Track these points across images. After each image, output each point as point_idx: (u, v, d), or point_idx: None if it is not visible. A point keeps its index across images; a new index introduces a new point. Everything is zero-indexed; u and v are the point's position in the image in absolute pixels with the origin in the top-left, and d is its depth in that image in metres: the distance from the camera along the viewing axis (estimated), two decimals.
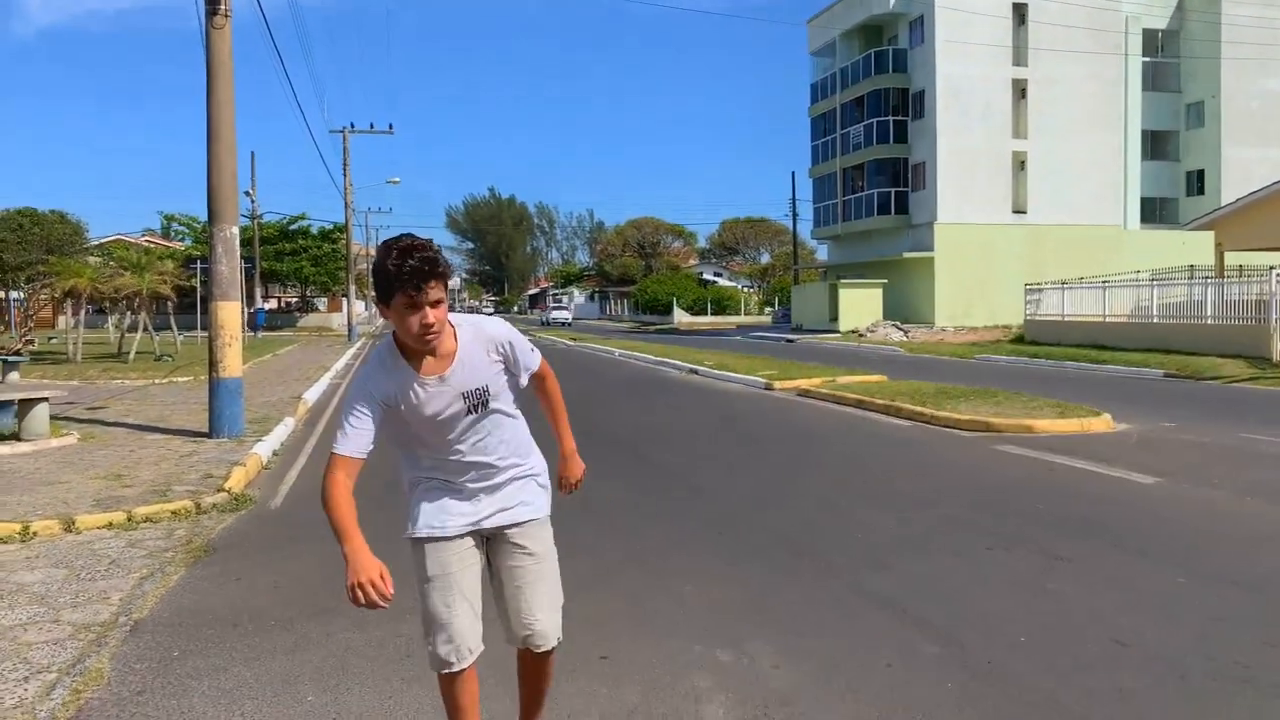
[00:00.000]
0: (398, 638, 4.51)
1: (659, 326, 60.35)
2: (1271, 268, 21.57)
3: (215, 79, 10.34)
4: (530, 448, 2.96)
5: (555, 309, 74.99)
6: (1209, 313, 23.44)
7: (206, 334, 11.07)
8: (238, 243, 10.60)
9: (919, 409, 12.04)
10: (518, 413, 2.93)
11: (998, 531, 6.23)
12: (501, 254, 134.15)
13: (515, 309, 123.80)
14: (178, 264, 28.42)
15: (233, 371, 10.40)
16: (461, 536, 2.84)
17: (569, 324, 65.79)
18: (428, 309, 2.54)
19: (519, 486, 2.90)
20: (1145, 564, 5.45)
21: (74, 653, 4.39)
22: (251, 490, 8.15)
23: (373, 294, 2.70)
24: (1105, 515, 6.65)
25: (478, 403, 2.75)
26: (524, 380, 2.90)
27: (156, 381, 18.12)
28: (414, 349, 2.65)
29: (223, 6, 10.31)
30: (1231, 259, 27.80)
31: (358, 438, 2.65)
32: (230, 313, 10.45)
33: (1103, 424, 10.99)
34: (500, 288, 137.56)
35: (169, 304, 26.33)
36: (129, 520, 6.87)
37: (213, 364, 10.38)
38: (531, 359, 2.90)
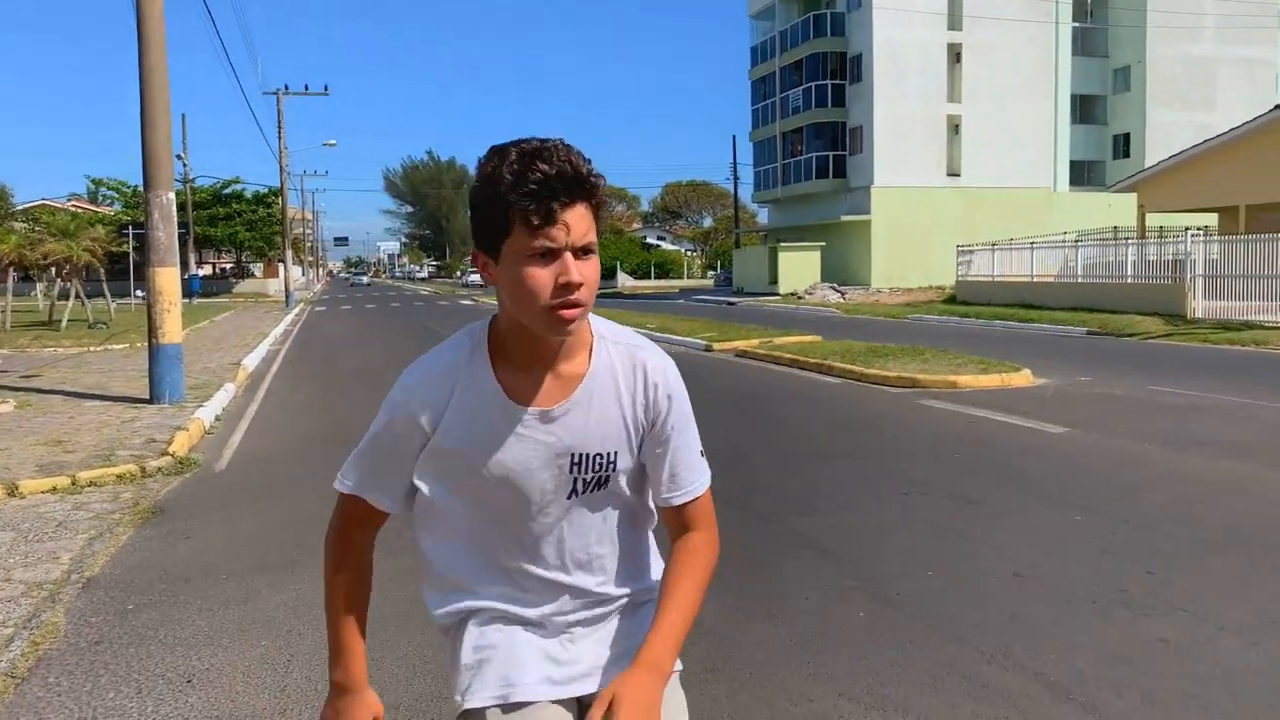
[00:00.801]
0: None
1: (603, 290, 60.17)
2: (1186, 228, 22.46)
3: (147, 43, 10.21)
4: (651, 559, 1.76)
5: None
6: (1129, 272, 24.36)
7: (143, 300, 11.01)
8: (174, 208, 10.54)
9: (850, 367, 12.47)
10: (651, 511, 1.71)
11: (916, 479, 6.63)
12: (442, 217, 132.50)
13: (458, 274, 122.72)
14: (109, 229, 27.78)
15: (172, 337, 10.40)
16: (549, 704, 1.58)
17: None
18: (568, 258, 1.42)
19: (640, 621, 1.67)
20: (1048, 505, 5.87)
21: (28, 609, 4.53)
22: (196, 454, 8.24)
23: (311, 258, 1.69)
24: (1016, 463, 7.10)
25: (593, 480, 1.58)
26: (657, 498, 1.65)
27: (91, 349, 17.86)
28: (520, 345, 1.52)
29: None
30: (1155, 220, 28.83)
31: (382, 473, 1.59)
32: (168, 278, 10.42)
33: (1023, 379, 11.52)
34: (441, 253, 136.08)
35: (101, 270, 25.79)
36: (73, 484, 6.95)
37: (152, 330, 10.36)
38: (693, 471, 1.63)
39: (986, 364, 12.23)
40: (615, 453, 1.57)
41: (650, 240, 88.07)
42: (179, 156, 41.68)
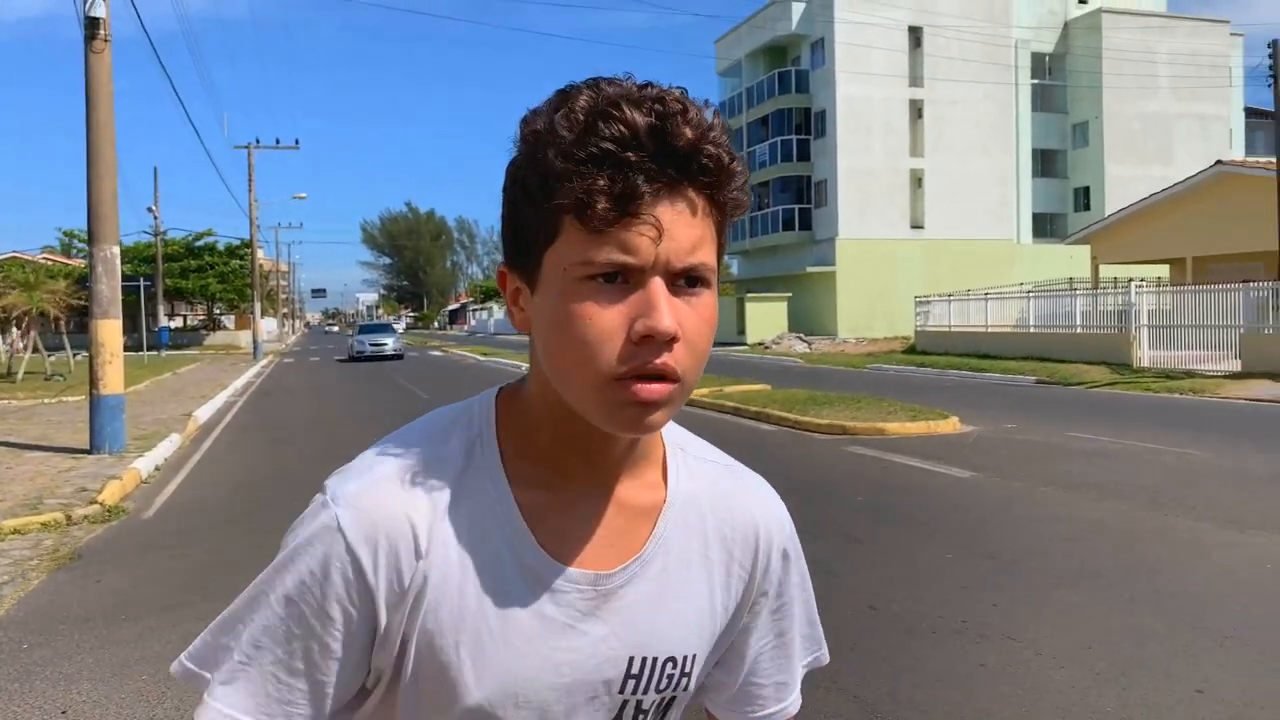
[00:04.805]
0: None
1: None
2: (1130, 279, 23.10)
3: (94, 103, 10.54)
4: None
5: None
6: (1079, 323, 24.93)
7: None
8: (119, 262, 10.79)
9: (785, 414, 12.79)
10: None
11: (812, 519, 6.88)
12: (420, 269, 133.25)
13: (435, 324, 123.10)
14: (70, 282, 27.92)
15: (113, 388, 10.58)
16: None
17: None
18: (657, 288, 0.76)
19: None
20: (927, 544, 6.15)
21: None
22: (127, 503, 8.40)
23: (286, 310, 1.04)
24: (913, 504, 7.39)
25: (655, 707, 0.91)
26: (732, 713, 1.04)
27: (45, 401, 17.94)
28: (559, 446, 0.85)
29: (101, 32, 10.52)
30: (1111, 271, 29.52)
31: (291, 688, 0.79)
32: (110, 331, 10.63)
33: (949, 426, 11.86)
34: (419, 303, 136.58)
35: (62, 323, 25.88)
36: None
37: (93, 381, 10.54)
38: (795, 674, 1.03)
39: (916, 411, 12.57)
40: (694, 657, 0.90)
41: None
42: (149, 209, 41.98)
